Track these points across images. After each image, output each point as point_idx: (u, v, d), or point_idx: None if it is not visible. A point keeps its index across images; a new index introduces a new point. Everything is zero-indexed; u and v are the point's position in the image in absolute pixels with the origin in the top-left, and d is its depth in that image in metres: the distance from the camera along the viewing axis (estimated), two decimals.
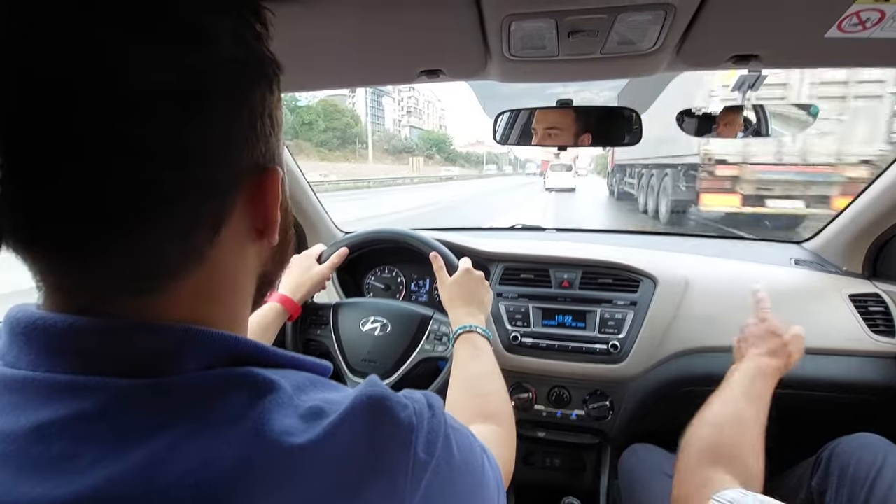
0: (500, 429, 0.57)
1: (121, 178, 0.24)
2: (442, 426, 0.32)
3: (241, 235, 0.30)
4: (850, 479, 0.72)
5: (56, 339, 0.25)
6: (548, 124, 0.94)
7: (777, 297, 1.08)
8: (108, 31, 0.23)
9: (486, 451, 0.40)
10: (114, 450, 0.23)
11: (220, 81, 0.26)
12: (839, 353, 1.00)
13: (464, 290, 0.82)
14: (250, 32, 0.28)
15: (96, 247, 0.25)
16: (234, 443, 0.24)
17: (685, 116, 0.98)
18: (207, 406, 0.25)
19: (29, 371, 0.25)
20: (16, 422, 0.24)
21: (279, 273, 0.38)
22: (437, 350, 0.91)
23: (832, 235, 1.21)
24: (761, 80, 0.94)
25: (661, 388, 1.03)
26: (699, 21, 0.55)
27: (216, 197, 0.27)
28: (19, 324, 0.26)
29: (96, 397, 0.24)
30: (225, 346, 0.28)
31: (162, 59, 0.24)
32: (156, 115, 0.24)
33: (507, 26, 0.56)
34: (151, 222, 0.25)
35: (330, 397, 0.29)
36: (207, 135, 0.25)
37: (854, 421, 0.92)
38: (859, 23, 0.53)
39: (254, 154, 0.29)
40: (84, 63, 0.22)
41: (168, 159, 0.24)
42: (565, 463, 1.18)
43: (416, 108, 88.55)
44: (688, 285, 1.08)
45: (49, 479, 0.23)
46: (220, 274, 0.29)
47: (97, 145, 0.23)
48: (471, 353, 0.70)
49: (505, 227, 1.63)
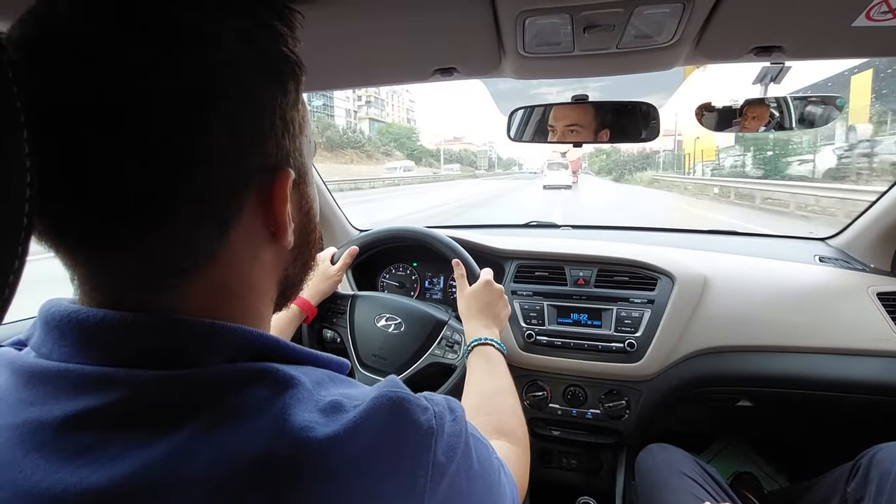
0: (515, 447, 0.56)
1: (129, 177, 0.25)
2: (463, 433, 0.32)
3: (255, 236, 0.31)
4: (889, 487, 0.70)
5: (87, 332, 0.27)
6: (568, 122, 0.93)
7: (801, 295, 1.05)
8: (112, 36, 0.24)
9: (503, 465, 0.40)
10: (140, 441, 0.24)
11: (224, 83, 0.26)
12: (867, 353, 0.97)
13: (482, 302, 0.82)
14: (267, 34, 0.29)
15: (110, 243, 0.26)
16: (256, 436, 0.25)
17: (704, 111, 0.95)
18: (230, 399, 0.26)
19: (62, 363, 0.27)
20: (50, 412, 0.25)
21: (303, 276, 0.38)
22: (448, 357, 0.91)
23: (858, 232, 1.17)
24: (784, 71, 0.91)
25: (679, 387, 1.01)
26: (719, 12, 0.53)
27: (223, 197, 0.28)
28: (53, 317, 0.27)
29: (124, 389, 0.25)
30: (247, 341, 0.29)
31: (163, 63, 0.24)
32: (160, 116, 0.24)
33: (522, 23, 0.55)
34: (159, 223, 0.26)
35: (348, 392, 0.30)
36: (211, 135, 0.26)
37: (891, 425, 0.89)
38: (889, 10, 0.51)
39: (263, 155, 0.29)
40: (88, 69, 0.24)
41: (173, 160, 0.25)
42: (581, 463, 1.17)
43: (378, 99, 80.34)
44: (707, 283, 1.06)
45: (82, 468, 0.24)
46: (234, 273, 0.30)
47: (108, 148, 0.24)
48: (486, 368, 0.70)
49: (519, 224, 1.62)
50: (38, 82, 0.24)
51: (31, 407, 0.26)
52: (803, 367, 0.98)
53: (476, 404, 0.63)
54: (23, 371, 0.27)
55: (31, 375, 0.27)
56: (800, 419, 1.21)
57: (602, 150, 48.37)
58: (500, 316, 0.82)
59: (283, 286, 0.35)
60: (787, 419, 1.23)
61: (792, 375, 0.98)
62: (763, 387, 1.01)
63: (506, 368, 0.71)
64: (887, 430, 0.84)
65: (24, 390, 0.27)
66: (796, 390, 0.99)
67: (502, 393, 0.65)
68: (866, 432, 0.88)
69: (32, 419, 0.26)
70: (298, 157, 0.33)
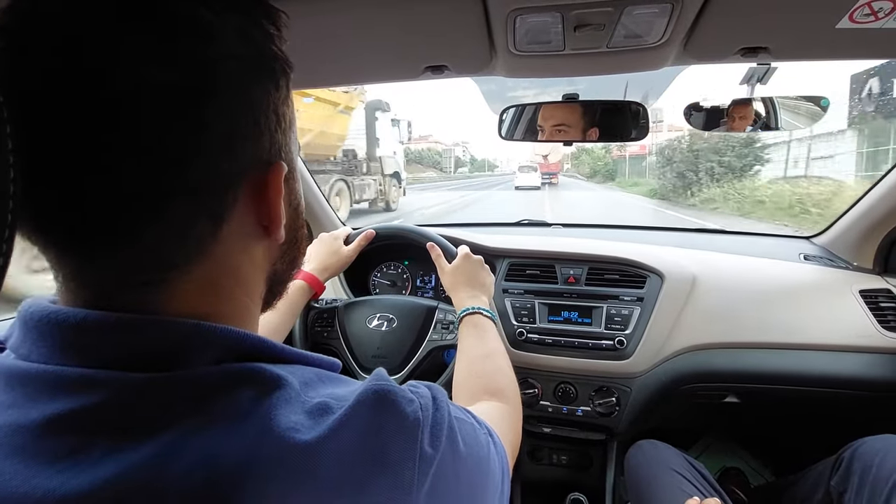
0: (505, 405, 0.57)
1: (124, 173, 0.24)
2: (446, 418, 0.32)
3: (246, 231, 0.31)
4: (871, 481, 0.72)
5: (68, 333, 0.26)
6: (555, 121, 0.93)
7: (786, 292, 1.07)
8: (108, 27, 0.23)
9: (491, 434, 0.40)
10: (124, 444, 0.24)
11: (222, 77, 0.26)
12: (849, 349, 0.99)
13: (464, 274, 0.83)
14: (259, 32, 0.29)
15: (103, 239, 0.25)
16: (241, 438, 0.24)
17: (692, 111, 0.97)
18: (215, 401, 0.25)
19: (41, 364, 0.26)
20: (27, 415, 0.25)
21: (290, 273, 0.38)
22: (446, 338, 0.92)
23: (842, 230, 1.19)
24: (770, 72, 0.92)
25: (668, 384, 1.02)
26: (706, 13, 0.54)
27: (218, 191, 0.27)
28: (33, 317, 0.27)
29: (106, 391, 0.25)
30: (233, 341, 0.28)
31: (161, 55, 0.24)
32: (157, 111, 0.24)
33: (513, 21, 0.55)
34: (155, 216, 0.25)
35: (337, 392, 0.29)
36: (209, 130, 0.26)
37: (874, 420, 0.91)
38: (871, 13, 0.52)
39: (257, 149, 0.29)
40: (82, 59, 0.23)
41: (170, 154, 0.25)
42: (572, 459, 1.18)
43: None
44: (695, 281, 1.07)
45: (63, 472, 0.23)
46: (225, 269, 0.30)
47: (100, 143, 0.23)
48: (475, 334, 0.71)
49: (510, 222, 1.62)
50: (24, 73, 0.23)
51: (8, 410, 0.25)
52: (789, 364, 1.00)
53: (467, 369, 0.65)
54: (0, 373, 0.26)
55: (10, 377, 0.26)
56: (785, 415, 1.24)
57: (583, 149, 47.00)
58: (485, 283, 0.83)
59: (271, 282, 0.35)
60: (773, 415, 1.25)
61: (778, 372, 1.00)
62: (749, 383, 1.02)
63: (495, 333, 0.72)
64: (869, 425, 0.86)
65: (1, 393, 0.26)
66: (782, 386, 1.01)
67: (492, 356, 0.67)
68: (849, 427, 0.90)
69: (10, 422, 0.25)
70: (289, 151, 0.33)
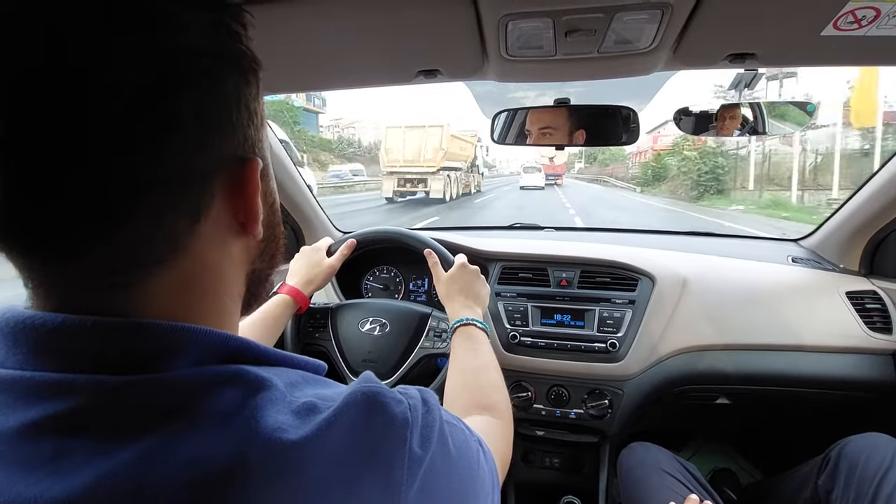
0: (497, 420, 0.57)
1: (94, 171, 0.23)
2: (437, 421, 0.32)
3: (223, 228, 0.30)
4: (857, 479, 0.73)
5: (44, 338, 0.25)
6: (542, 125, 0.94)
7: (774, 294, 1.09)
8: (76, 20, 0.23)
9: (482, 444, 0.40)
10: (105, 448, 0.23)
11: (194, 70, 0.26)
12: (836, 350, 1.01)
13: (460, 284, 0.82)
14: (227, 29, 0.28)
15: (74, 240, 0.25)
16: (227, 440, 0.24)
17: (682, 115, 0.98)
18: (199, 404, 0.25)
19: (17, 370, 0.25)
20: (6, 422, 0.24)
21: (270, 271, 0.37)
22: (438, 347, 0.92)
23: (829, 233, 1.21)
24: (758, 78, 0.94)
25: (660, 386, 1.03)
26: (695, 20, 0.55)
27: (194, 187, 0.27)
28: (7, 324, 0.26)
29: (85, 396, 0.24)
30: (215, 343, 0.28)
31: (131, 49, 0.24)
32: (129, 103, 0.23)
33: (505, 26, 0.56)
34: (128, 214, 0.25)
35: (323, 393, 0.29)
36: (181, 122, 0.25)
37: (860, 419, 0.92)
38: (855, 21, 0.53)
39: (231, 144, 0.29)
40: (50, 53, 0.22)
41: (142, 148, 0.24)
42: (564, 462, 1.18)
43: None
44: (686, 284, 1.08)
45: (44, 479, 0.23)
46: (203, 266, 0.29)
47: (68, 139, 0.23)
48: (468, 346, 0.70)
49: (503, 226, 1.63)
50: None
51: None
52: (778, 365, 1.01)
53: (459, 382, 0.64)
54: None
55: None
56: (775, 415, 1.25)
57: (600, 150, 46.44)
58: (480, 295, 0.82)
59: (250, 281, 0.35)
60: (763, 416, 1.26)
61: (767, 373, 1.01)
62: (740, 384, 1.03)
63: (489, 346, 0.72)
64: (855, 424, 0.87)
65: None
66: (771, 387, 1.02)
67: (485, 369, 0.66)
68: (837, 426, 0.91)
69: None
70: (262, 148, 0.32)
